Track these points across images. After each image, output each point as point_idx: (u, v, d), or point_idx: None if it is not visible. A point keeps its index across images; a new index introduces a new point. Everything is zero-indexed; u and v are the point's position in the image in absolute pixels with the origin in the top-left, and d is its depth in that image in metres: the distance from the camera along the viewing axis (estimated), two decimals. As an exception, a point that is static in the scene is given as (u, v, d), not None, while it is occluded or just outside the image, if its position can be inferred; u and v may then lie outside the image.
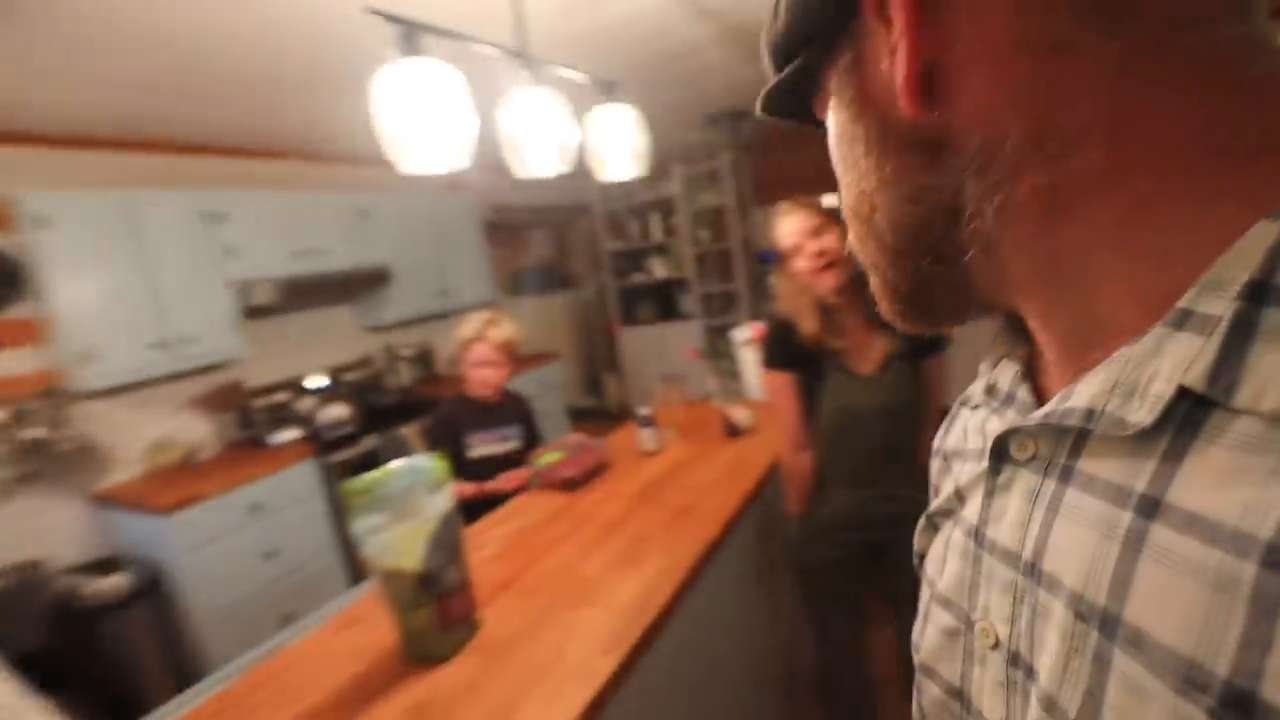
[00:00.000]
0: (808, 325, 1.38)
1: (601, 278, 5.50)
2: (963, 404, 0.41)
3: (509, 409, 2.06)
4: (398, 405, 3.36)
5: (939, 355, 1.43)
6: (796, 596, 1.63)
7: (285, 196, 3.00)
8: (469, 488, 1.85)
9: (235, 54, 1.95)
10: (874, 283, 0.34)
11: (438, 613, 1.09)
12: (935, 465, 0.42)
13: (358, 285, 3.44)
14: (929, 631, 0.36)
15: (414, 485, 1.18)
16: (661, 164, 4.91)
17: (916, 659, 0.38)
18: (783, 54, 0.33)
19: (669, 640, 1.18)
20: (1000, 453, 0.30)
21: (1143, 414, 0.23)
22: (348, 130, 2.85)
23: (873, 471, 1.39)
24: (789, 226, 1.35)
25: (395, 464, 1.21)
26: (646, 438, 1.95)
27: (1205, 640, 0.19)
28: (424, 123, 1.05)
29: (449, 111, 1.07)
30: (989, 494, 0.31)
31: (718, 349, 2.50)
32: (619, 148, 1.69)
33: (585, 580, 1.29)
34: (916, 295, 0.32)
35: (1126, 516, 0.23)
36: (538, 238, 5.96)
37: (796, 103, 0.36)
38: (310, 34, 1.87)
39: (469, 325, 1.94)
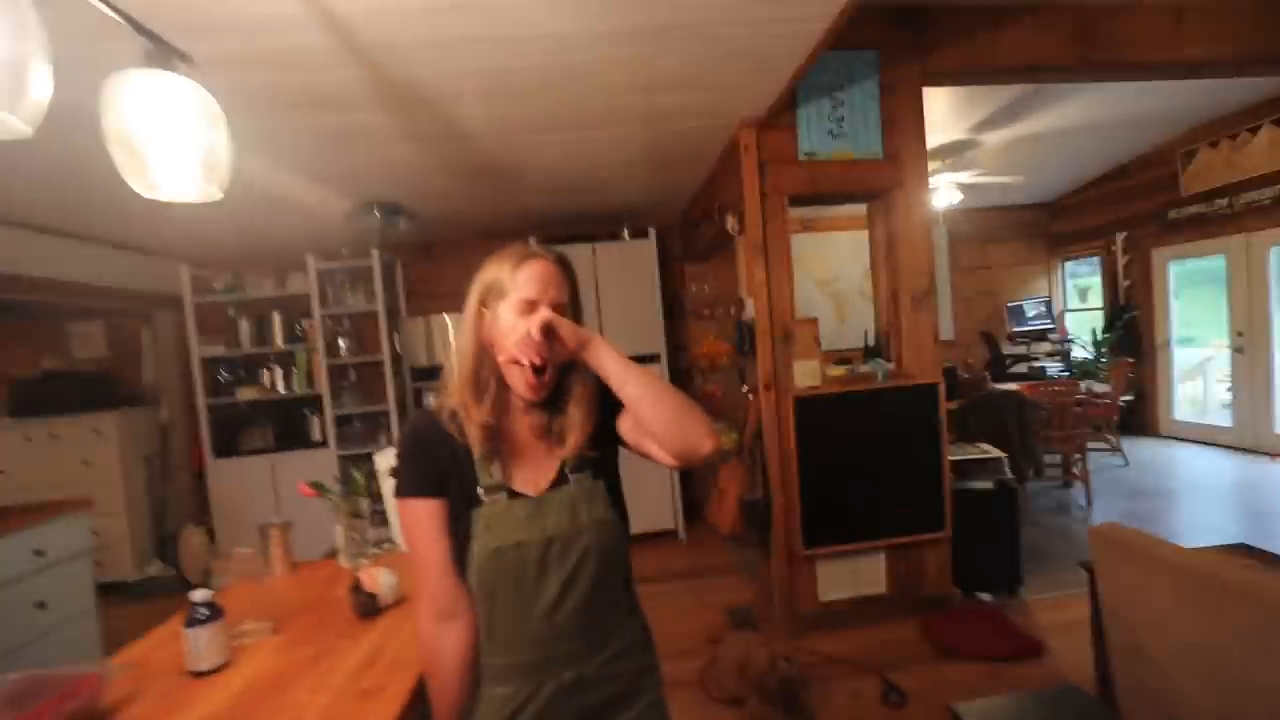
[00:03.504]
0: (478, 416, 0.89)
1: (189, 392, 4.05)
2: None
3: None
4: None
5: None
6: None
7: None
8: None
9: None
10: None
11: None
12: None
13: None
14: None
15: None
16: (293, 254, 4.00)
17: None
18: None
19: None
20: None
21: None
22: None
23: (553, 646, 0.90)
24: (541, 273, 0.89)
25: None
26: (197, 647, 1.08)
27: None
28: None
29: None
30: None
31: (351, 482, 1.77)
32: (176, 143, 1.01)
33: None
34: None
35: None
36: (83, 332, 4.19)
37: None
38: None
39: None
